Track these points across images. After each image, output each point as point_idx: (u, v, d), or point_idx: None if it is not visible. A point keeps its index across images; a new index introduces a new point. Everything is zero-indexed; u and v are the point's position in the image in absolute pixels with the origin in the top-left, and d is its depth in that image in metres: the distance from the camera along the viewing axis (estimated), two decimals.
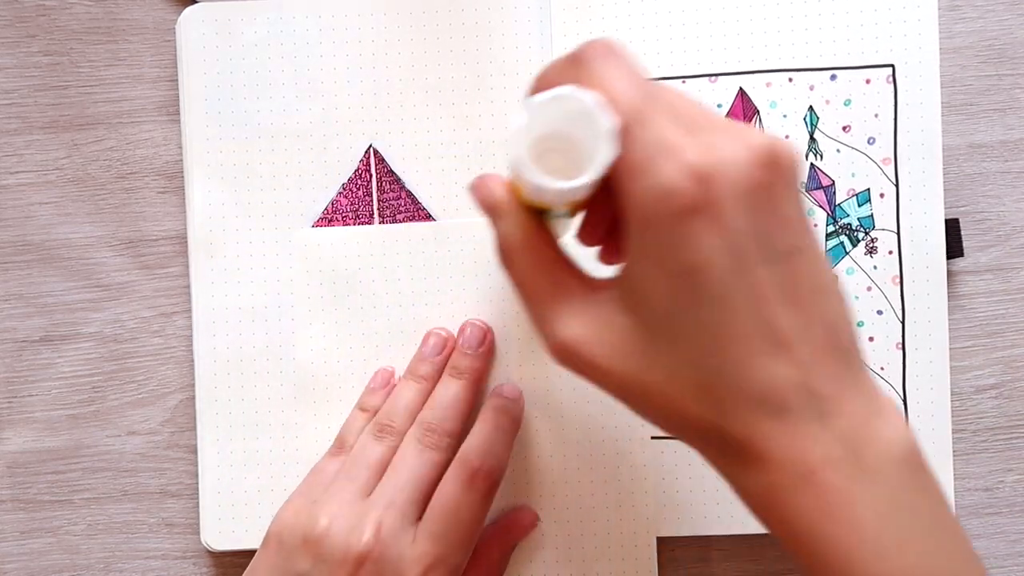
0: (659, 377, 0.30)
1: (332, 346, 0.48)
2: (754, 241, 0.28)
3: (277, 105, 0.48)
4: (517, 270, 0.33)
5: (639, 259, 0.30)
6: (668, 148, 0.28)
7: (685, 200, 0.27)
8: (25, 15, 0.50)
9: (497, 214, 0.33)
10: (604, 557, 0.47)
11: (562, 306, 0.32)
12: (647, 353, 0.30)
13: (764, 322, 0.29)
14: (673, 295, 0.29)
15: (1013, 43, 0.49)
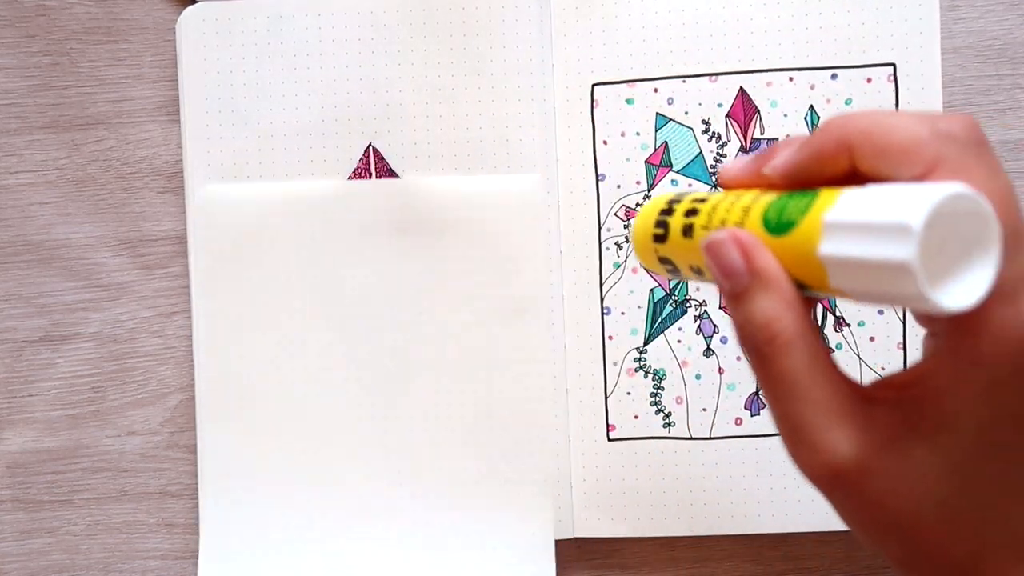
0: (940, 520, 0.26)
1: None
2: None
3: (277, 105, 0.48)
4: (785, 366, 0.26)
5: (963, 391, 0.25)
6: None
7: None
8: (25, 15, 0.50)
9: (762, 288, 0.26)
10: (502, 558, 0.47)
11: (839, 419, 0.26)
12: (939, 494, 0.26)
13: None
14: (990, 439, 0.25)
15: (1013, 43, 0.49)
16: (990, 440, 0.25)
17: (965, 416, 0.25)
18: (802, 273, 0.26)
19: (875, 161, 0.25)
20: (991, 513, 0.26)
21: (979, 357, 0.25)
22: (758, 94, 0.47)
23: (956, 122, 0.25)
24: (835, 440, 0.26)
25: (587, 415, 0.47)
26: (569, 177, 0.48)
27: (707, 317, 0.48)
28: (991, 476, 0.26)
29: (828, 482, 0.26)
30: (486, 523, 0.47)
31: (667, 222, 0.30)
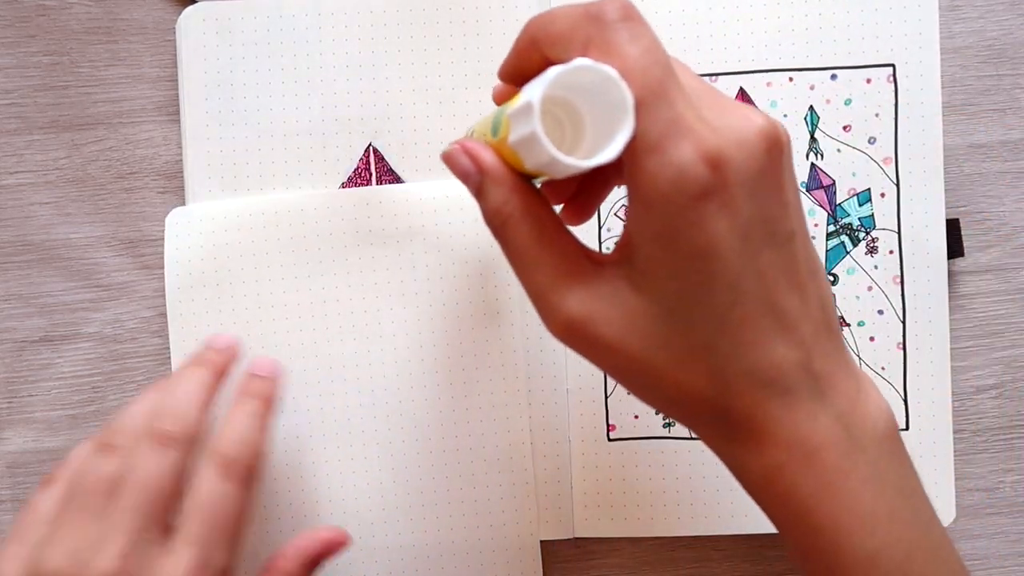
0: (668, 358, 0.30)
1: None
2: (760, 225, 0.28)
3: (277, 105, 0.48)
4: (517, 240, 0.31)
5: (649, 239, 0.29)
6: (685, 128, 0.27)
7: (699, 183, 0.27)
8: (25, 15, 0.50)
9: (490, 181, 0.31)
10: (488, 560, 0.47)
11: (569, 280, 0.30)
12: (657, 334, 0.29)
13: (771, 304, 0.29)
14: (685, 277, 0.28)
15: (1013, 43, 0.49)
16: (683, 279, 0.28)
17: (654, 260, 0.29)
18: (513, 162, 0.30)
19: (550, 49, 0.30)
20: (714, 349, 0.29)
21: (646, 204, 0.28)
22: (758, 94, 0.47)
23: (607, 2, 0.28)
24: (564, 298, 0.30)
25: (587, 415, 0.47)
26: None
27: None
28: (698, 313, 0.29)
29: (564, 334, 0.30)
30: (470, 528, 0.47)
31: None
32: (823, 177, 0.47)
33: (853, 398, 0.30)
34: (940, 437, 0.47)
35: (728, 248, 0.28)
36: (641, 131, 0.27)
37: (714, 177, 0.27)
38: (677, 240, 0.28)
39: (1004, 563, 0.49)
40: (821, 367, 0.30)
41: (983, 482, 0.49)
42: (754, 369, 0.29)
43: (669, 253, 0.28)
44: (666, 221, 0.28)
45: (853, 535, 0.29)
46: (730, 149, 0.27)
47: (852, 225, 0.47)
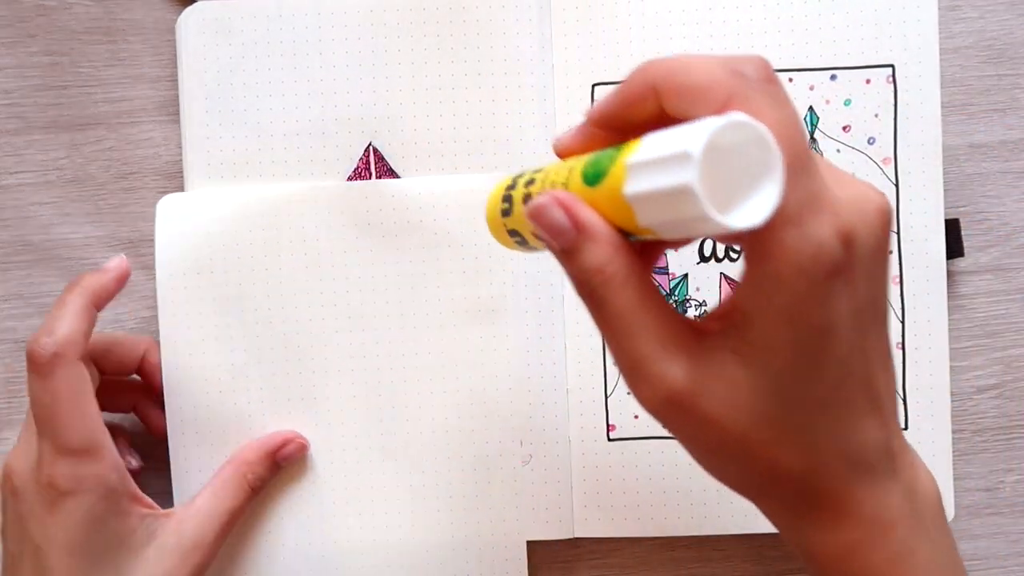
0: (769, 436, 0.28)
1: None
2: (871, 304, 0.28)
3: (277, 105, 0.48)
4: (617, 304, 0.28)
5: (771, 313, 0.27)
6: (824, 202, 0.26)
7: (833, 261, 0.26)
8: (25, 15, 0.50)
9: (588, 239, 0.28)
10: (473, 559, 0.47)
11: (673, 349, 0.28)
12: (762, 411, 0.28)
13: (868, 384, 0.29)
14: (800, 354, 0.27)
15: (1013, 43, 0.49)
16: (799, 357, 0.27)
17: (773, 335, 0.27)
18: (618, 218, 0.28)
19: (677, 101, 0.27)
20: (815, 427, 0.28)
21: (775, 278, 0.26)
22: None
23: (747, 61, 0.27)
24: (668, 368, 0.28)
25: (587, 415, 0.47)
26: None
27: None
28: (807, 391, 0.28)
29: (664, 407, 0.28)
30: (459, 525, 0.47)
31: (511, 195, 0.32)
32: None
33: (913, 473, 0.31)
34: (939, 437, 0.47)
35: (845, 327, 0.27)
36: (786, 200, 0.25)
37: (845, 255, 0.26)
38: (801, 316, 0.27)
39: (1004, 563, 0.49)
40: (896, 445, 0.30)
41: (983, 482, 0.49)
42: (848, 449, 0.29)
43: (790, 329, 0.27)
44: (795, 297, 0.26)
45: None
46: (858, 226, 0.27)
47: None
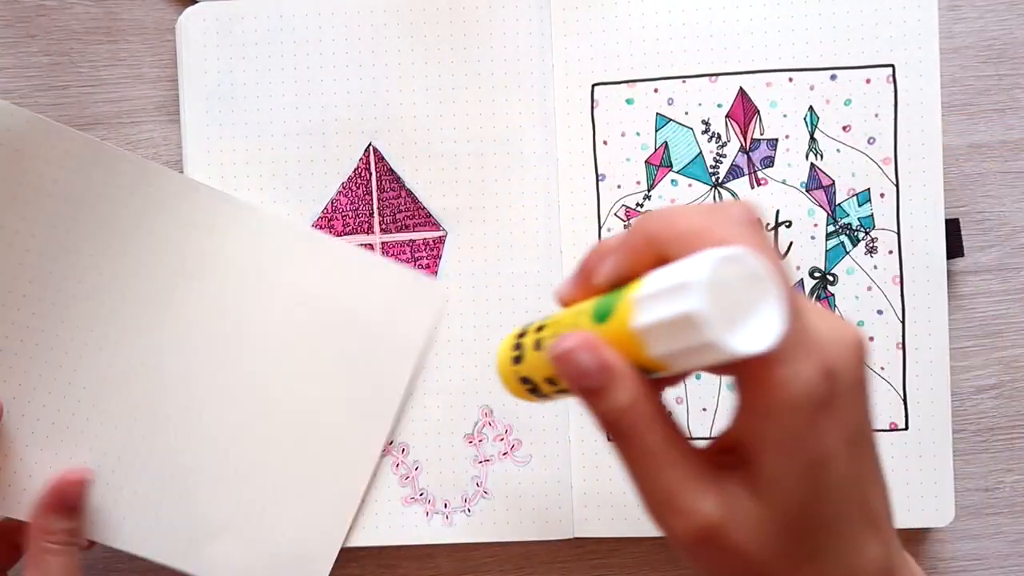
0: (785, 565, 0.30)
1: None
2: (858, 431, 0.29)
3: (277, 105, 0.48)
4: (646, 443, 0.29)
5: (771, 447, 0.28)
6: (809, 340, 0.27)
7: (819, 395, 0.27)
8: (25, 15, 0.50)
9: (617, 379, 0.29)
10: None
11: (702, 483, 0.29)
12: (779, 541, 0.29)
13: (865, 505, 0.30)
14: (803, 486, 0.28)
15: (1013, 43, 0.49)
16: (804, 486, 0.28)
17: (777, 469, 0.28)
18: (627, 354, 0.28)
19: (673, 247, 0.28)
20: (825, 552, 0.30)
21: (771, 413, 0.28)
22: (758, 94, 0.47)
23: (735, 206, 0.29)
24: (701, 503, 0.29)
25: (587, 415, 0.47)
26: (569, 177, 0.48)
27: None
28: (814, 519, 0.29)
29: (698, 540, 0.29)
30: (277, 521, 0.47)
31: (521, 343, 0.32)
32: (823, 177, 0.47)
33: None
34: (939, 437, 0.47)
35: (838, 456, 0.28)
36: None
37: (829, 388, 0.28)
38: (798, 450, 0.28)
39: (1004, 563, 0.49)
40: (895, 559, 0.31)
41: (983, 482, 0.49)
42: (853, 570, 0.30)
43: (792, 461, 0.28)
44: (790, 431, 0.28)
45: None
46: (838, 362, 0.28)
47: (851, 225, 0.47)
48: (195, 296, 0.46)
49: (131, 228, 0.46)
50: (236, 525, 0.47)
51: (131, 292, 0.46)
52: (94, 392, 0.45)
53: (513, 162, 0.48)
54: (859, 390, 0.29)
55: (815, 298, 0.47)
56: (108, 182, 0.45)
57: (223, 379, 0.47)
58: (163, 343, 0.46)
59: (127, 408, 0.46)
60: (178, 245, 0.46)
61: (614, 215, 0.48)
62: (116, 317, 0.46)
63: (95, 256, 0.45)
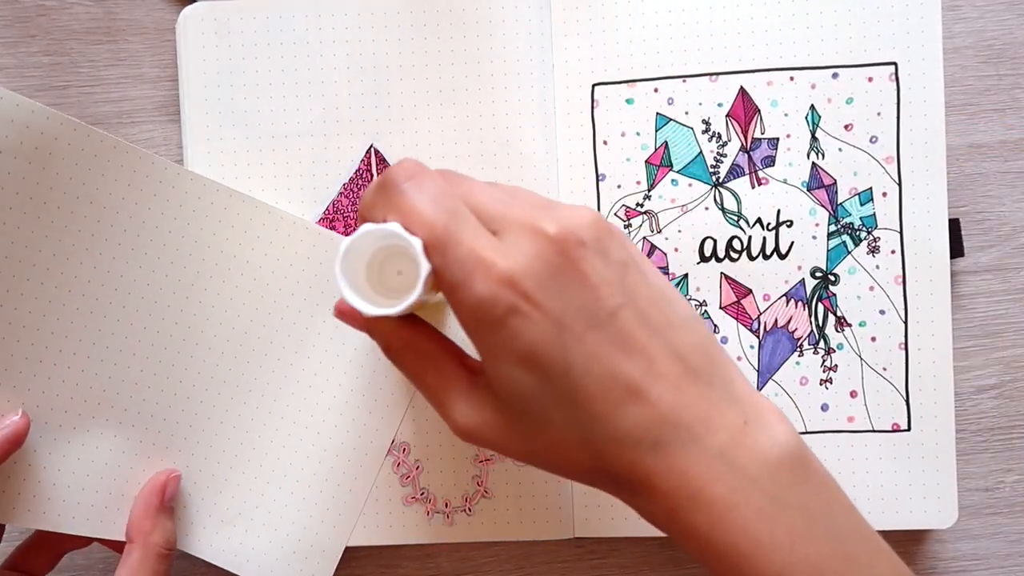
0: (543, 444, 0.34)
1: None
2: (574, 314, 0.32)
3: (277, 105, 0.48)
4: (405, 368, 0.36)
5: (486, 357, 0.33)
6: (476, 262, 0.31)
7: (501, 306, 0.31)
8: (25, 15, 0.50)
9: (371, 326, 0.36)
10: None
11: (452, 395, 0.35)
12: (525, 428, 0.34)
13: (611, 376, 0.32)
14: (522, 381, 0.32)
15: (1013, 43, 0.49)
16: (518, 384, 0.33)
17: (493, 374, 0.33)
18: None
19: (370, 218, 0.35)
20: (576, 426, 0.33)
21: (468, 331, 0.33)
22: (758, 94, 0.47)
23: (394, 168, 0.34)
24: (453, 412, 0.35)
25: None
26: (569, 177, 0.48)
27: (707, 317, 0.48)
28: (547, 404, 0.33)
29: (465, 438, 0.35)
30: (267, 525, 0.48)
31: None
32: (824, 176, 0.47)
33: (736, 432, 0.33)
34: (942, 438, 0.47)
35: (547, 343, 0.32)
36: (443, 274, 0.32)
37: (513, 294, 0.31)
38: (502, 356, 0.32)
39: (1004, 563, 0.49)
40: (688, 415, 0.33)
41: (983, 482, 0.49)
42: (617, 435, 0.32)
43: (501, 366, 0.33)
44: (487, 343, 0.33)
45: (753, 560, 0.32)
46: (520, 266, 0.31)
47: (853, 225, 0.47)
48: (216, 296, 0.47)
49: (155, 231, 0.45)
50: (248, 514, 0.47)
51: (153, 293, 0.46)
52: (113, 391, 0.45)
53: (513, 162, 0.48)
54: (561, 279, 0.32)
55: (816, 299, 0.47)
56: (133, 184, 0.45)
57: (239, 374, 0.47)
58: (184, 341, 0.46)
59: (144, 404, 0.46)
60: (202, 247, 0.46)
61: (614, 215, 0.48)
62: (140, 319, 0.45)
63: (117, 260, 0.45)
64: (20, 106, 0.41)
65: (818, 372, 0.47)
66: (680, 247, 0.47)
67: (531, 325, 0.31)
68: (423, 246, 0.32)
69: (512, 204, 0.33)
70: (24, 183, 0.41)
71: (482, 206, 0.33)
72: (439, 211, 0.32)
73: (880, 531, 0.47)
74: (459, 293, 0.32)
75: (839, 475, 0.47)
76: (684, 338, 0.34)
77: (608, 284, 0.33)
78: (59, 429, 0.44)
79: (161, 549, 0.44)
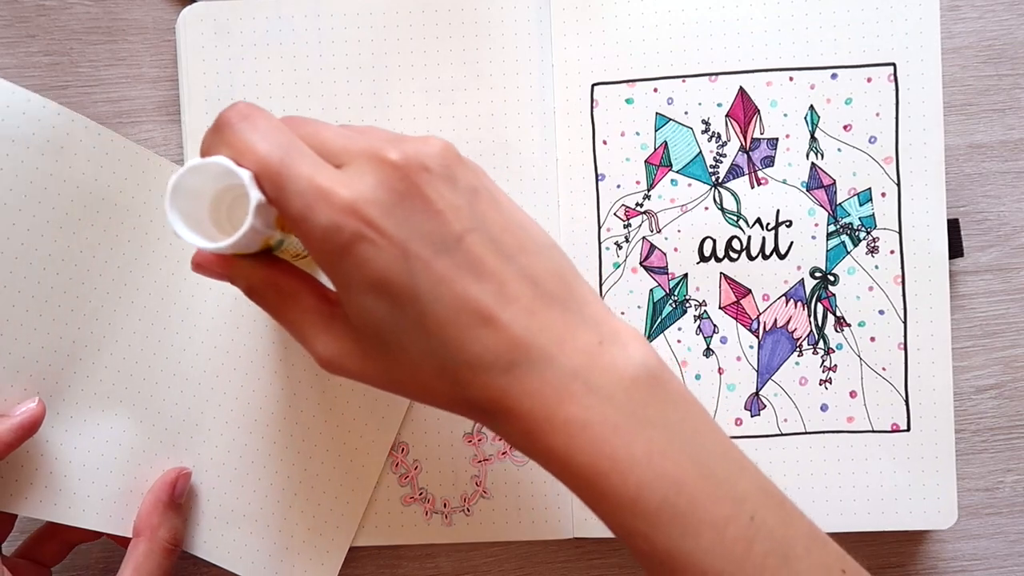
0: (402, 373, 0.34)
1: None
2: (420, 240, 0.32)
3: (277, 105, 0.48)
4: (268, 307, 0.36)
5: (338, 286, 0.33)
6: (317, 193, 0.31)
7: (345, 234, 0.31)
8: (25, 15, 0.50)
9: (229, 270, 0.36)
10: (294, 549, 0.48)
11: (313, 329, 0.35)
12: (383, 357, 0.34)
13: (460, 301, 0.32)
14: (373, 309, 0.33)
15: (1013, 43, 0.49)
16: (369, 311, 0.33)
17: (346, 304, 0.34)
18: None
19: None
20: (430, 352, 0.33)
21: (317, 260, 0.33)
22: (758, 94, 0.47)
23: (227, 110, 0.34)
24: (314, 345, 0.35)
25: None
26: (569, 177, 0.48)
27: (707, 317, 0.48)
28: (400, 331, 0.33)
29: (328, 370, 0.35)
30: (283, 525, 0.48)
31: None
32: (823, 176, 0.47)
33: (591, 352, 0.33)
34: (942, 438, 0.47)
35: (394, 270, 0.32)
36: (285, 210, 0.32)
37: (356, 221, 0.31)
38: (352, 282, 0.33)
39: (1004, 563, 0.49)
40: (540, 338, 0.33)
41: (983, 482, 0.49)
42: (469, 360, 0.33)
43: (352, 296, 0.33)
44: (336, 273, 0.33)
45: (610, 477, 0.32)
46: (363, 194, 0.31)
47: (853, 225, 0.47)
48: (220, 297, 0.47)
49: (162, 230, 0.46)
50: (252, 515, 0.47)
51: (160, 291, 0.46)
52: (123, 385, 0.45)
53: (513, 162, 0.48)
54: (404, 204, 0.32)
55: (815, 299, 0.47)
56: (142, 184, 0.45)
57: (243, 374, 0.47)
58: (190, 339, 0.47)
59: (152, 400, 0.46)
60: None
61: (614, 215, 0.48)
62: (149, 316, 0.46)
63: (127, 256, 0.45)
64: (31, 101, 0.41)
65: (817, 372, 0.47)
66: (680, 247, 0.47)
67: (377, 252, 0.32)
68: (254, 178, 0.32)
69: (357, 139, 0.33)
70: (38, 174, 0.42)
71: (327, 143, 0.33)
72: (272, 146, 0.32)
73: (879, 531, 0.48)
74: (304, 225, 0.32)
75: (838, 475, 0.47)
76: (538, 263, 0.34)
77: (455, 209, 0.33)
78: (70, 420, 0.44)
79: (167, 544, 0.44)
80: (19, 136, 0.41)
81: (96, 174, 0.43)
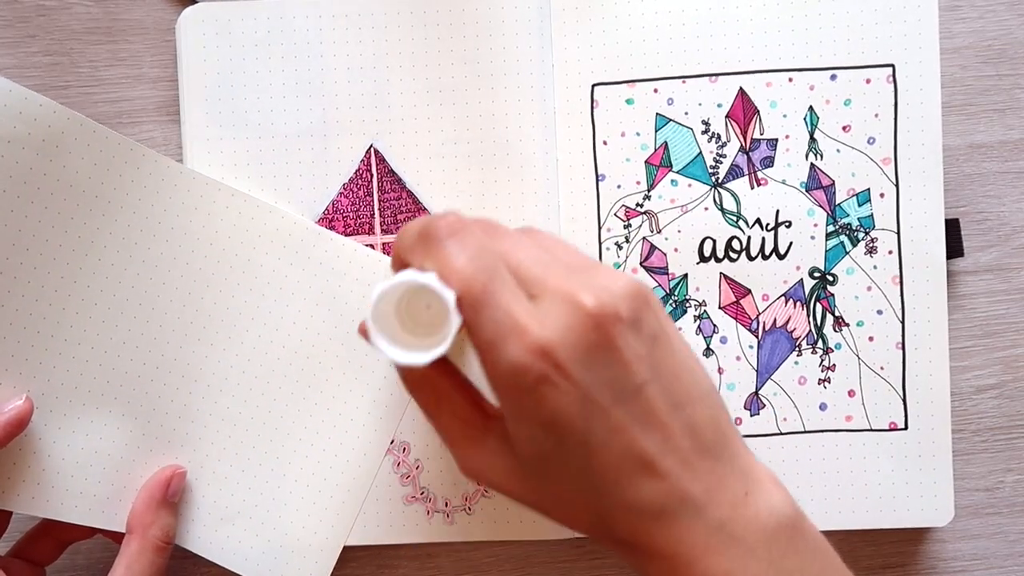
0: (549, 502, 0.35)
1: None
2: (602, 388, 0.32)
3: (277, 105, 0.48)
4: (421, 403, 0.37)
5: (509, 415, 0.34)
6: (511, 327, 0.32)
7: (533, 373, 0.31)
8: (25, 15, 0.50)
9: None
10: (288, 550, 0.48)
11: (463, 440, 0.36)
12: (533, 485, 0.35)
13: (627, 450, 0.33)
14: (542, 443, 0.33)
15: (1013, 43, 0.49)
16: (538, 446, 0.33)
17: (514, 432, 0.34)
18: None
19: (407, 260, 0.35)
20: (586, 491, 0.34)
21: (494, 389, 0.33)
22: (758, 94, 0.47)
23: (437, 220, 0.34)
24: (461, 454, 0.36)
25: None
26: (569, 177, 0.48)
27: (707, 317, 0.48)
28: (561, 469, 0.34)
29: (472, 478, 0.37)
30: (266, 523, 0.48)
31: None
32: (822, 177, 0.47)
33: (737, 503, 0.34)
34: (939, 437, 0.47)
35: (571, 414, 0.32)
36: (476, 334, 0.32)
37: (545, 364, 0.31)
38: (525, 417, 0.33)
39: (1004, 563, 0.49)
40: (694, 488, 0.33)
41: (983, 482, 0.49)
42: (624, 503, 0.33)
43: (523, 426, 0.33)
44: (513, 404, 0.33)
45: None
46: (556, 337, 0.31)
47: (851, 225, 0.47)
48: (217, 294, 0.47)
49: (158, 227, 0.46)
50: (247, 512, 0.47)
51: (155, 288, 0.46)
52: (116, 383, 0.46)
53: (513, 162, 0.48)
54: (594, 353, 0.32)
55: (814, 299, 0.47)
56: (136, 181, 0.45)
57: (239, 372, 0.47)
58: (185, 337, 0.47)
59: (146, 397, 0.46)
60: (204, 246, 0.47)
61: (614, 215, 0.48)
62: (143, 313, 0.46)
63: (122, 253, 0.45)
64: (28, 100, 0.41)
65: (816, 371, 0.47)
66: (680, 247, 0.48)
67: (559, 395, 0.32)
68: (456, 300, 0.32)
69: (551, 267, 0.34)
70: (32, 173, 0.42)
71: (521, 267, 0.33)
72: (478, 269, 0.32)
73: (879, 530, 0.48)
74: (492, 354, 0.32)
75: (837, 474, 0.47)
76: (699, 413, 0.34)
77: (639, 359, 0.33)
78: (63, 418, 0.44)
79: (159, 542, 0.44)
80: (15, 136, 0.41)
81: (92, 172, 0.44)
